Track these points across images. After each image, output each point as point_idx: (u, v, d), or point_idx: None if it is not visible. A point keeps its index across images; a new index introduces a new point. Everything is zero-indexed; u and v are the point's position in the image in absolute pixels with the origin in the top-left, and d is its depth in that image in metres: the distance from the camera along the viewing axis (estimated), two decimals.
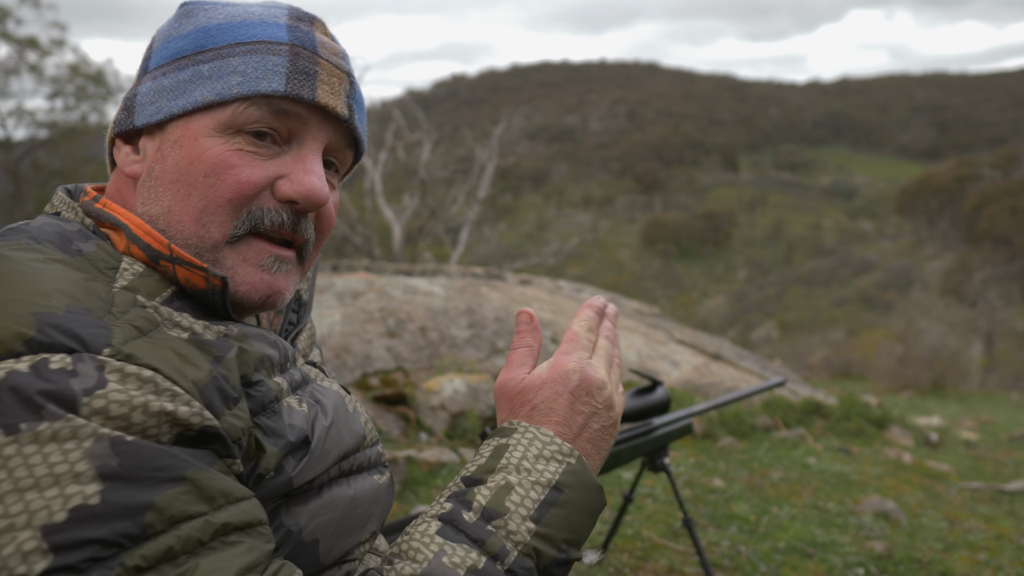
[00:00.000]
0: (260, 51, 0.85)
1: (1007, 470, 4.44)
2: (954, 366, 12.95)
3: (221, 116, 0.83)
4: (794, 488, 3.35)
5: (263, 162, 0.84)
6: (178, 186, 0.83)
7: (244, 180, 0.83)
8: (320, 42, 0.89)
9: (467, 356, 4.47)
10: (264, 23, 0.87)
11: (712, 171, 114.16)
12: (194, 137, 0.83)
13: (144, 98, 0.86)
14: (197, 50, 0.86)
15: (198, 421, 0.67)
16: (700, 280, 72.85)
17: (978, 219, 58.84)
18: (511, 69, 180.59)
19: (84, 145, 23.35)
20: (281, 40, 0.86)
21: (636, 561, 2.41)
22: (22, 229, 0.79)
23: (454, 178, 22.62)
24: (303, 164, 0.86)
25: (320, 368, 1.01)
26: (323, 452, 0.82)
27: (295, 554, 0.79)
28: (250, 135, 0.84)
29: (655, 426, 1.98)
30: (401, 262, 14.10)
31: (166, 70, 0.86)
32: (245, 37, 0.86)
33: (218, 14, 0.88)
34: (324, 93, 0.86)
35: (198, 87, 0.84)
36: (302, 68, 0.85)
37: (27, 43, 21.61)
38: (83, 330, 0.66)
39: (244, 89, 0.83)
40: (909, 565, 2.54)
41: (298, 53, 0.86)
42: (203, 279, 0.80)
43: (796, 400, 4.92)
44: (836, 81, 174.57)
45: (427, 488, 2.91)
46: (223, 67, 0.84)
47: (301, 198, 0.84)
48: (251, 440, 0.74)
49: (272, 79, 0.83)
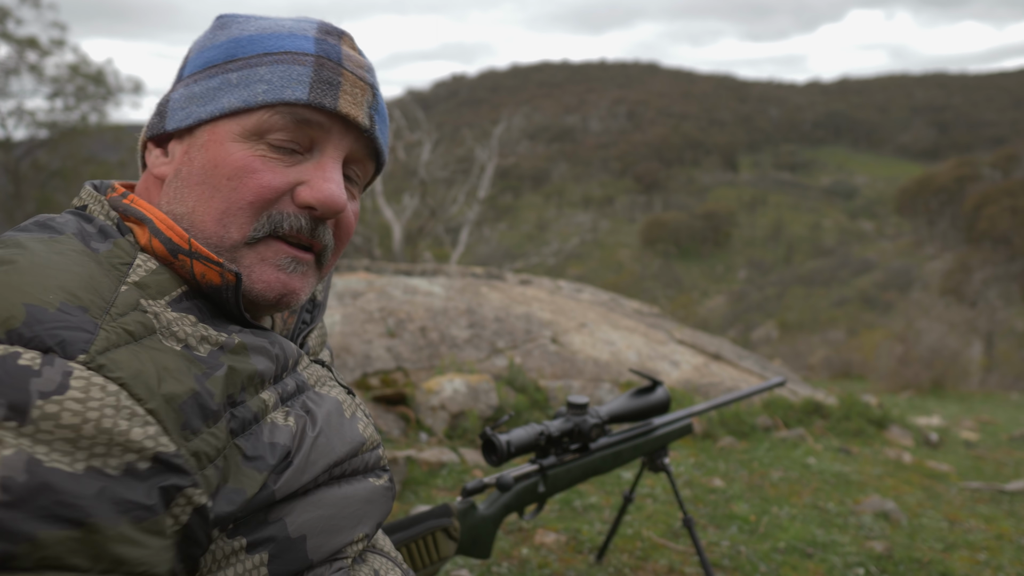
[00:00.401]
0: (286, 61, 0.88)
1: (1007, 470, 4.44)
2: (954, 366, 12.95)
3: (247, 122, 0.86)
4: (794, 488, 3.35)
5: (284, 168, 0.87)
6: (203, 188, 0.86)
7: (265, 184, 0.86)
8: (346, 55, 0.92)
9: (467, 356, 4.47)
10: (293, 35, 0.91)
11: (712, 171, 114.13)
12: (220, 141, 0.86)
13: (176, 104, 0.90)
14: (228, 59, 0.89)
15: (151, 446, 0.65)
16: (700, 280, 72.84)
17: (978, 219, 58.83)
18: (511, 69, 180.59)
19: (84, 145, 23.38)
20: (307, 51, 0.89)
21: (636, 561, 2.41)
22: (47, 224, 0.81)
23: (454, 178, 22.63)
24: (323, 171, 0.89)
25: (328, 368, 1.01)
26: (308, 463, 0.82)
27: (281, 550, 0.79)
28: (273, 145, 0.87)
29: (655, 426, 1.99)
30: (401, 262, 14.10)
31: (197, 78, 0.90)
32: (273, 48, 0.89)
33: (250, 26, 0.92)
34: (346, 103, 0.89)
35: (226, 94, 0.87)
36: (326, 78, 0.88)
37: (27, 43, 21.60)
38: (66, 331, 0.66)
39: (269, 97, 0.86)
40: (909, 565, 2.54)
41: (323, 64, 0.89)
42: (218, 274, 0.82)
43: (796, 400, 4.92)
44: (836, 81, 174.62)
45: (427, 488, 2.91)
46: (251, 75, 0.88)
47: (319, 204, 0.87)
48: (227, 461, 0.73)
49: (296, 87, 0.87)
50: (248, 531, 0.78)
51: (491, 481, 1.61)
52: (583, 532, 2.59)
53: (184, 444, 0.68)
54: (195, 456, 0.69)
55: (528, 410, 3.89)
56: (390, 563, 0.98)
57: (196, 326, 0.78)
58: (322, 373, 0.95)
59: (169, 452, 0.67)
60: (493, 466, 1.60)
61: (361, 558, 0.94)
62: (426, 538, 1.50)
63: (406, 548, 1.46)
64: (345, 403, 0.93)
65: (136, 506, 0.64)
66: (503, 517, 1.68)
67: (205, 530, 0.71)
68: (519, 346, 4.80)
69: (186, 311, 0.79)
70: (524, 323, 5.13)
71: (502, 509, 1.67)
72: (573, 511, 2.83)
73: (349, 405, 0.94)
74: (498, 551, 2.38)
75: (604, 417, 1.79)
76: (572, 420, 1.74)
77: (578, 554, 2.43)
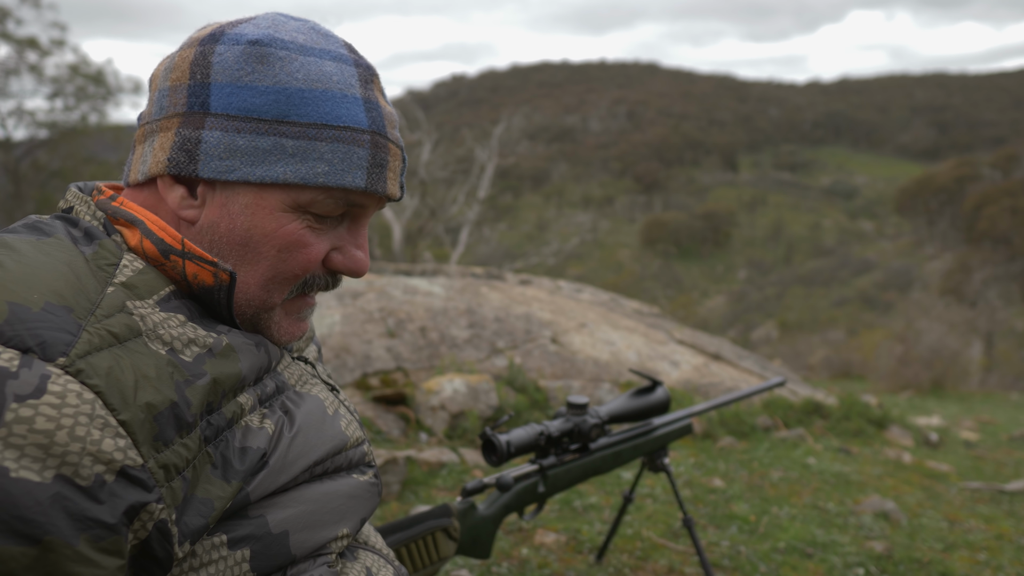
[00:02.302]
0: (346, 140, 0.85)
1: (1007, 470, 4.44)
2: (954, 366, 12.94)
3: (300, 198, 0.85)
4: (794, 488, 3.35)
5: (323, 237, 0.89)
6: (246, 250, 0.85)
7: (312, 259, 0.88)
8: (387, 117, 0.90)
9: (467, 356, 4.47)
10: (344, 97, 0.86)
11: (712, 171, 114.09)
12: (268, 210, 0.85)
13: (213, 150, 0.82)
14: (279, 118, 0.83)
15: (120, 458, 0.65)
16: (700, 280, 72.81)
17: (978, 219, 58.81)
18: (511, 69, 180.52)
19: (84, 145, 23.37)
20: (362, 127, 0.87)
21: (636, 561, 2.41)
22: (36, 225, 0.81)
23: (454, 178, 22.63)
24: (355, 239, 0.92)
25: (312, 364, 1.01)
26: (285, 464, 0.82)
27: (263, 547, 0.79)
28: (316, 214, 0.88)
29: (655, 426, 1.98)
30: (401, 262, 14.10)
31: (240, 127, 0.82)
32: (331, 119, 0.84)
33: (295, 70, 0.84)
34: (391, 183, 0.91)
35: (280, 163, 0.83)
36: (379, 160, 0.88)
37: (27, 43, 21.60)
38: (48, 332, 0.66)
39: (330, 180, 0.85)
40: (909, 565, 2.54)
41: (377, 144, 0.88)
42: (212, 274, 0.82)
43: (796, 400, 4.92)
44: (836, 81, 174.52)
45: (427, 488, 2.91)
46: (309, 150, 0.83)
47: (350, 273, 0.91)
48: (196, 471, 0.73)
49: (356, 174, 0.86)
50: (228, 528, 0.77)
51: (491, 481, 1.61)
52: (583, 532, 2.59)
53: (154, 456, 0.68)
54: (164, 468, 0.68)
55: (528, 410, 3.89)
56: (382, 560, 0.98)
57: (185, 326, 0.78)
58: (304, 371, 0.96)
59: (135, 466, 0.66)
60: (493, 466, 1.60)
61: (353, 555, 0.94)
62: (426, 538, 1.50)
63: (406, 548, 1.46)
64: (327, 401, 0.93)
65: (96, 523, 0.63)
66: (503, 517, 1.68)
67: (166, 546, 0.70)
68: (519, 346, 4.80)
69: (175, 310, 0.79)
70: (524, 323, 5.13)
71: (502, 509, 1.67)
72: (573, 511, 2.83)
73: (331, 403, 0.94)
74: (498, 551, 2.38)
75: (604, 417, 1.78)
76: (572, 420, 1.74)
77: (578, 554, 2.43)
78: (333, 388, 1.00)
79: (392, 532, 1.46)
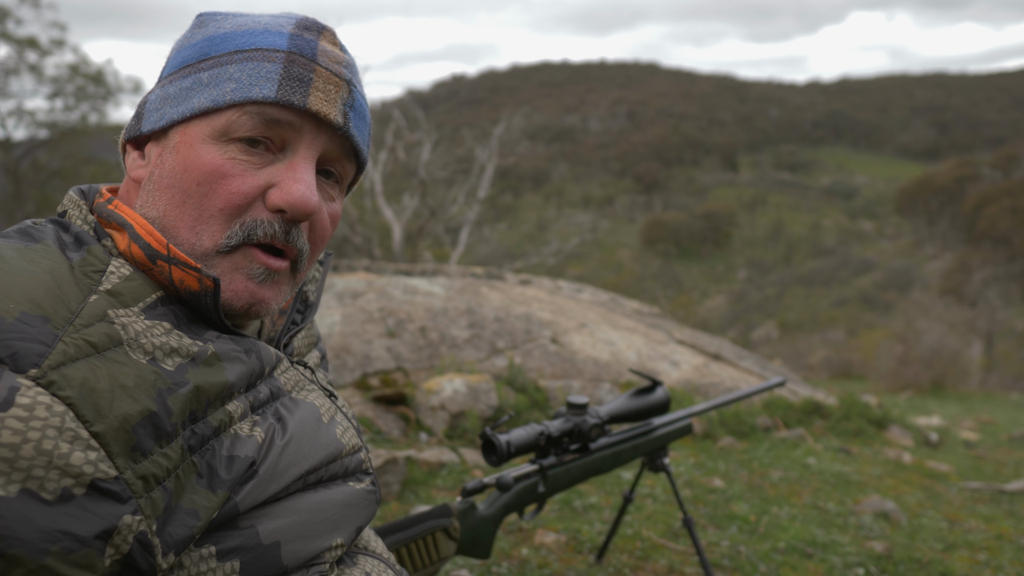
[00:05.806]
0: (256, 58, 0.85)
1: (1007, 470, 4.44)
2: (954, 366, 12.94)
3: (216, 123, 0.84)
4: (794, 488, 3.35)
5: (255, 171, 0.84)
6: (173, 191, 0.84)
7: (235, 191, 0.83)
8: (322, 50, 0.88)
9: (467, 356, 4.47)
10: (267, 31, 0.88)
11: (712, 171, 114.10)
12: (190, 144, 0.84)
13: (152, 105, 0.89)
14: (201, 58, 0.87)
15: (90, 471, 0.63)
16: (700, 280, 72.82)
17: (978, 219, 58.81)
18: (511, 69, 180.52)
19: (84, 145, 23.36)
20: (279, 47, 0.86)
21: (636, 561, 2.41)
22: (27, 231, 0.80)
23: (454, 178, 22.61)
24: (293, 172, 0.85)
25: (311, 369, 0.98)
26: (276, 473, 0.80)
27: (254, 558, 0.77)
28: (244, 143, 0.84)
29: (655, 426, 1.98)
30: (401, 262, 14.11)
31: (173, 78, 0.88)
32: (245, 45, 0.86)
33: (227, 24, 0.89)
34: (317, 100, 0.85)
35: (197, 94, 0.85)
36: (296, 75, 0.85)
37: (27, 43, 21.60)
38: (20, 343, 0.64)
39: (237, 96, 0.83)
40: (909, 565, 2.54)
41: (293, 60, 0.86)
42: (196, 280, 0.80)
43: (796, 400, 4.92)
44: (836, 81, 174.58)
45: (427, 488, 2.91)
46: (220, 74, 0.85)
47: (289, 207, 0.84)
48: (179, 480, 0.71)
49: (264, 85, 0.83)
50: (217, 539, 0.75)
51: (491, 481, 1.61)
52: (583, 532, 2.59)
53: (131, 467, 0.66)
54: (142, 479, 0.67)
55: (528, 410, 3.89)
56: (383, 565, 0.96)
57: (169, 334, 0.76)
58: (302, 377, 0.92)
59: (107, 479, 0.64)
60: (493, 466, 1.60)
61: (352, 560, 0.92)
62: (426, 538, 1.50)
63: (406, 548, 1.46)
64: (323, 408, 0.90)
65: (66, 536, 0.62)
66: (503, 517, 1.68)
67: (148, 559, 0.68)
68: (519, 346, 4.80)
69: (161, 317, 0.77)
70: (524, 323, 5.13)
71: (502, 509, 1.67)
72: (573, 511, 2.83)
73: (328, 410, 0.91)
74: (498, 551, 2.38)
75: (604, 417, 1.78)
76: (572, 420, 1.74)
77: (578, 554, 2.43)
78: (331, 394, 0.97)
79: (392, 532, 1.46)
